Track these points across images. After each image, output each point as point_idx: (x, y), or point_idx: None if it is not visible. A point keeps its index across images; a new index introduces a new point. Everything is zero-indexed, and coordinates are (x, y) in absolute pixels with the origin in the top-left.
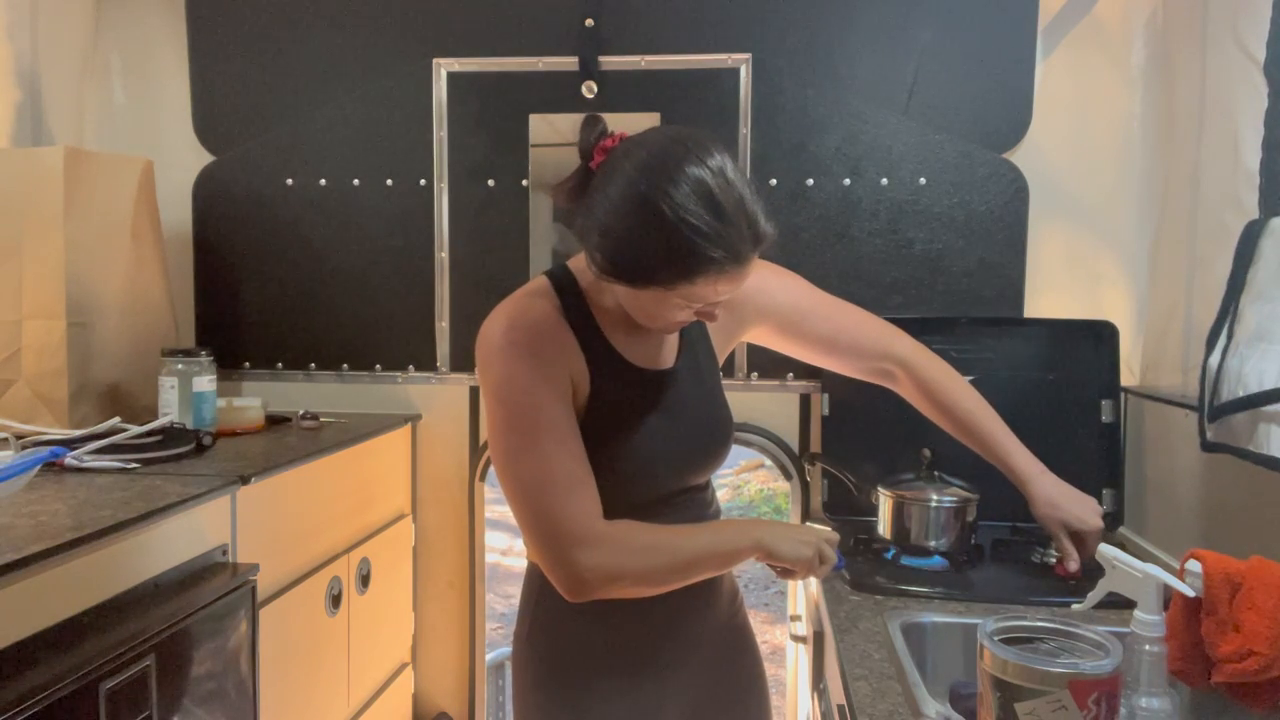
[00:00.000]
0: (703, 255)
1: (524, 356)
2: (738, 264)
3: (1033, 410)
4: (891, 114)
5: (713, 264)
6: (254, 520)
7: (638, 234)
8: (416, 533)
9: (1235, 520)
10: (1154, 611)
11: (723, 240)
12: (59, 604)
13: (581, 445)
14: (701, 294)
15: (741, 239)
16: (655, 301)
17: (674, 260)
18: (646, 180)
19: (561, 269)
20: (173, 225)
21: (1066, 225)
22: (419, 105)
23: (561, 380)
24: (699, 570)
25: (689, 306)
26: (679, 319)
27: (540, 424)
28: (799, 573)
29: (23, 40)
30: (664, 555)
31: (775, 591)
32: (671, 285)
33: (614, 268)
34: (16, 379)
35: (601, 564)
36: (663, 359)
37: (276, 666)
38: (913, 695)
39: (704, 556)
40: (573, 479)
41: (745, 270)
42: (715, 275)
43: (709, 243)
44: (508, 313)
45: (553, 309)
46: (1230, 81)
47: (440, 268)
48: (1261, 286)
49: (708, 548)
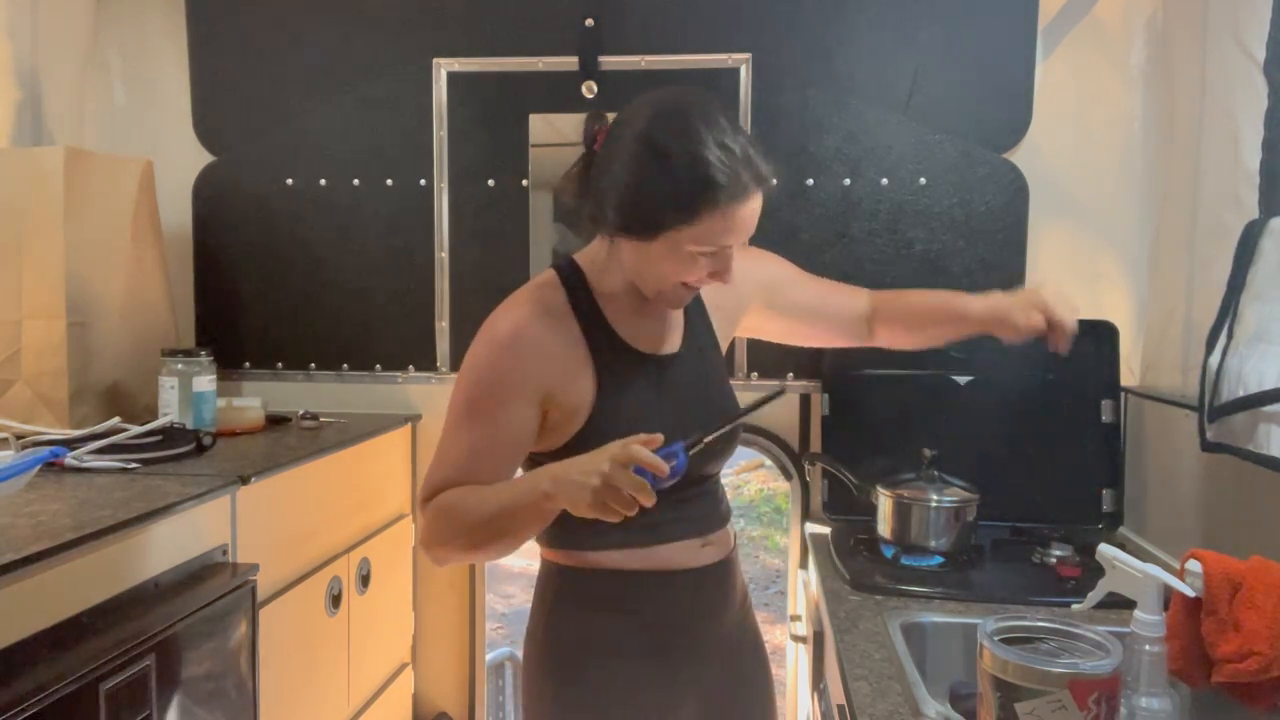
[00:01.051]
0: (709, 183)
1: (496, 353)
2: (743, 195)
3: (1033, 410)
4: (891, 114)
5: (719, 192)
6: (254, 520)
7: (646, 176)
8: (416, 533)
9: (1235, 520)
10: (1154, 611)
11: (727, 168)
12: (59, 604)
13: (505, 453)
14: (711, 232)
15: (746, 170)
16: (667, 256)
17: (681, 193)
18: (650, 128)
19: (568, 261)
20: (173, 225)
21: (1066, 225)
22: (419, 105)
23: (528, 389)
24: (508, 530)
25: (700, 256)
26: (692, 277)
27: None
28: (599, 513)
29: (23, 40)
30: (468, 515)
31: (776, 591)
32: (682, 224)
33: (626, 220)
34: (16, 379)
35: (425, 527)
36: (667, 344)
37: (276, 666)
38: (913, 695)
39: (503, 513)
40: (467, 464)
41: (752, 208)
42: (723, 208)
43: (714, 171)
44: (511, 312)
45: (557, 309)
46: (1230, 81)
47: (440, 268)
48: (1261, 286)
49: (504, 504)
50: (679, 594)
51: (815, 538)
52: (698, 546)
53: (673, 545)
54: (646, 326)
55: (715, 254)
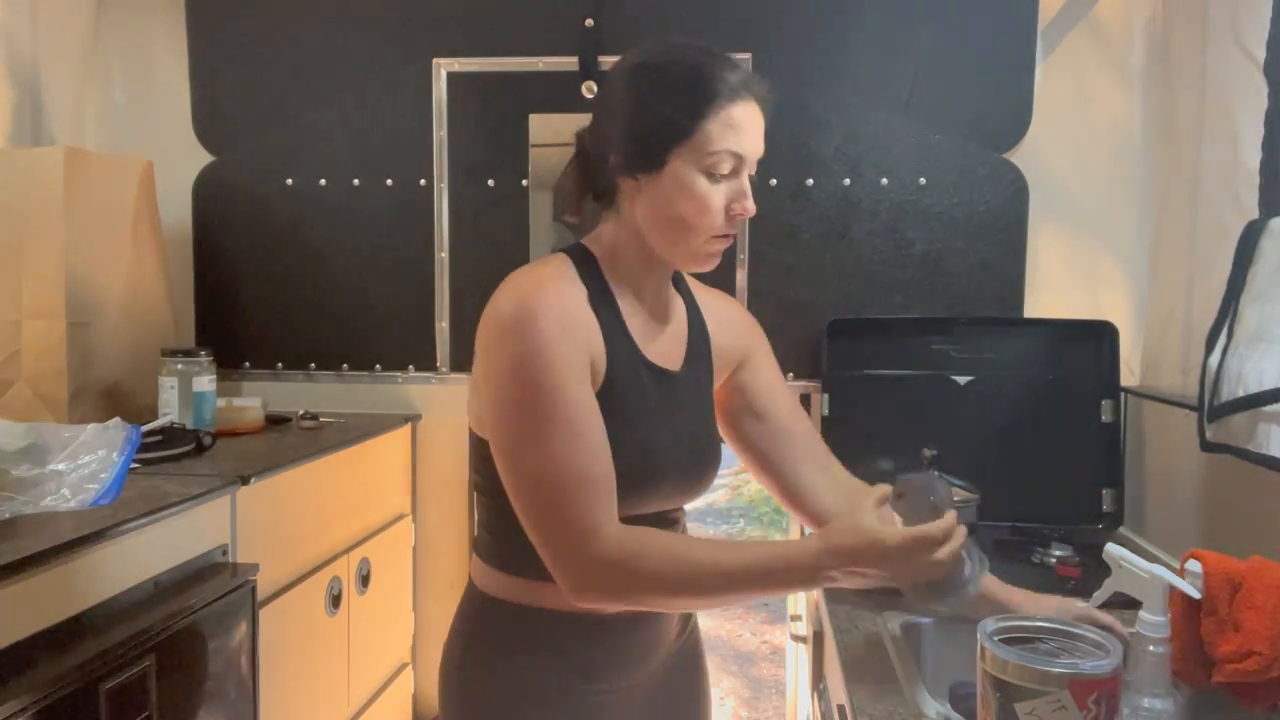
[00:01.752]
0: (703, 82)
1: (548, 333)
2: (739, 97)
3: (1033, 410)
4: (891, 114)
5: (715, 88)
6: (254, 520)
7: (641, 96)
8: (416, 533)
9: (1235, 520)
10: (1159, 612)
11: (718, 70)
12: (59, 604)
13: (604, 436)
14: (714, 137)
15: (738, 74)
16: (680, 190)
17: (678, 99)
18: (639, 59)
19: (579, 247)
20: (173, 225)
21: (1066, 225)
22: (419, 105)
23: (582, 360)
24: (736, 588)
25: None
26: (712, 211)
27: (558, 409)
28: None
29: (23, 40)
30: (692, 565)
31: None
32: (684, 135)
33: (630, 153)
34: (16, 379)
35: (619, 562)
36: (670, 359)
37: (276, 666)
38: (913, 695)
39: (745, 573)
40: (591, 471)
41: (752, 115)
42: (721, 107)
43: (705, 71)
44: (524, 288)
45: (574, 288)
46: (1230, 81)
47: (440, 268)
48: (1261, 286)
49: (752, 563)
50: (609, 637)
51: None
52: None
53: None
54: (653, 332)
55: (727, 177)
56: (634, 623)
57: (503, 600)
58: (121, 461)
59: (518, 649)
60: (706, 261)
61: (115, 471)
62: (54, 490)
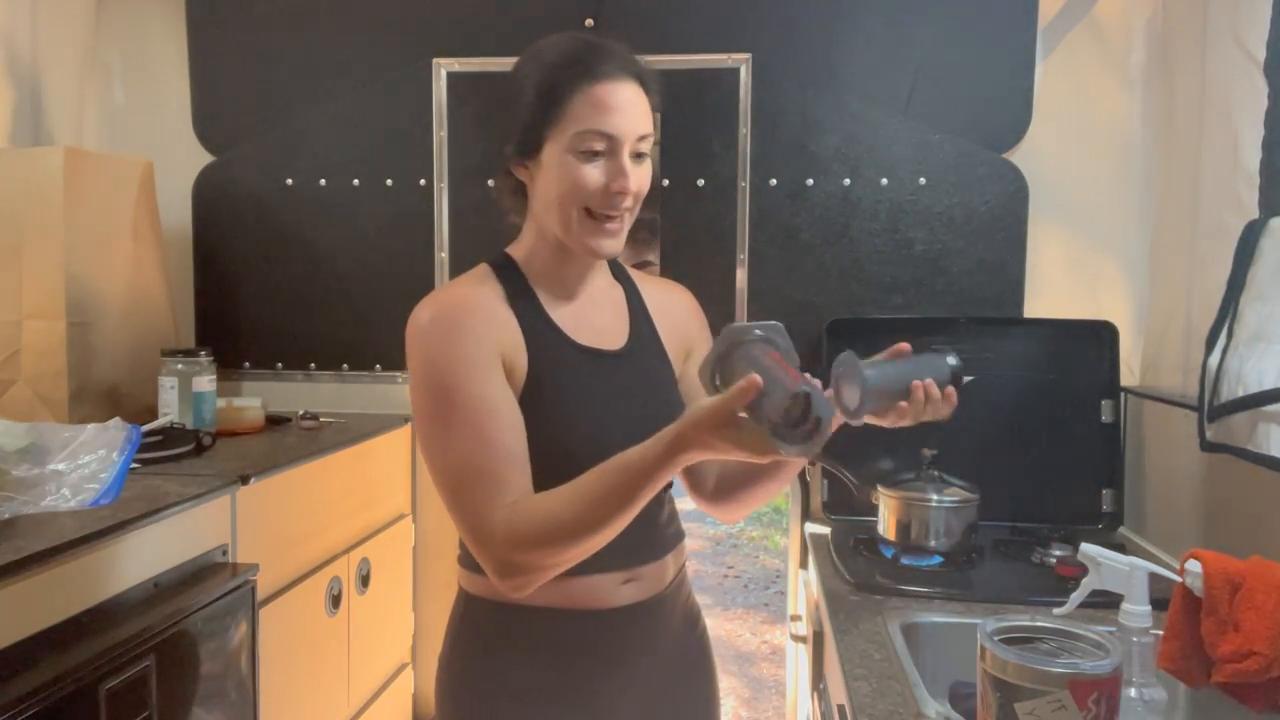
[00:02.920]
0: (566, 65)
1: (443, 334)
2: (605, 76)
3: (1033, 410)
4: (891, 114)
5: (577, 70)
6: (254, 520)
7: (516, 91)
8: (416, 533)
9: (1235, 520)
10: (1142, 603)
11: (582, 51)
12: (59, 604)
13: (506, 424)
14: (581, 117)
15: (603, 53)
16: (557, 171)
17: (545, 85)
18: (522, 56)
19: (501, 253)
20: (173, 225)
21: (1066, 225)
22: (419, 105)
23: (486, 354)
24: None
25: (587, 162)
26: (589, 190)
27: (455, 408)
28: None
29: (23, 40)
30: (566, 503)
31: (776, 592)
32: (554, 120)
33: (517, 141)
34: (16, 379)
35: (507, 539)
36: (608, 339)
37: (276, 666)
38: (913, 695)
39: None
40: (482, 461)
41: (624, 92)
42: (586, 87)
43: (569, 54)
44: (434, 296)
45: (487, 289)
46: (1230, 81)
47: (440, 268)
48: (1261, 286)
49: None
50: (592, 638)
51: (815, 538)
52: (616, 583)
53: (587, 580)
54: (585, 318)
55: (601, 155)
56: (617, 622)
57: (483, 598)
58: (121, 461)
59: (498, 648)
60: (600, 244)
61: (115, 471)
62: (54, 490)
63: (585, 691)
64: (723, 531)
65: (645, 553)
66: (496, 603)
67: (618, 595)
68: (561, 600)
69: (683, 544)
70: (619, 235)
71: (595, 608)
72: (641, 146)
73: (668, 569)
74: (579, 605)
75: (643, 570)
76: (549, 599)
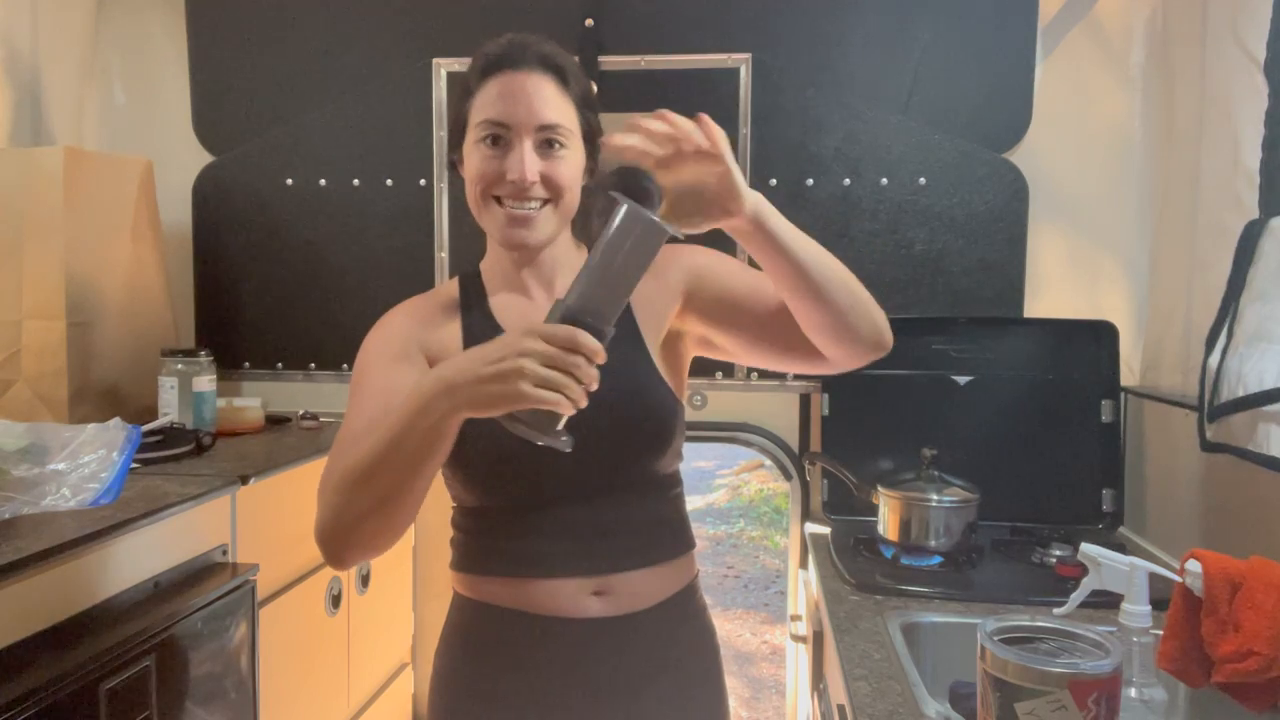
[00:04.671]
0: (478, 62)
1: (376, 329)
2: (513, 65)
3: (1033, 410)
4: (891, 114)
5: (482, 67)
6: (254, 520)
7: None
8: (416, 533)
9: (1235, 520)
10: (1142, 602)
11: (494, 47)
12: (59, 604)
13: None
14: (484, 104)
15: (520, 45)
16: (469, 158)
17: (463, 85)
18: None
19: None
20: (173, 225)
21: (1066, 225)
22: (419, 105)
23: (399, 348)
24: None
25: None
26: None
27: (360, 388)
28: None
29: (23, 40)
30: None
31: (776, 592)
32: (466, 114)
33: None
34: (16, 379)
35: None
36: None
37: (276, 666)
38: (913, 695)
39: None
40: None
41: (531, 83)
42: (493, 76)
43: (485, 51)
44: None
45: (440, 297)
46: (1230, 81)
47: (440, 268)
48: (1261, 286)
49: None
50: (555, 647)
51: (815, 538)
52: (582, 592)
53: (547, 584)
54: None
55: (501, 146)
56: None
57: (464, 596)
58: (121, 461)
59: (469, 648)
60: (510, 234)
61: (115, 471)
62: (54, 490)
63: (546, 705)
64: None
65: (616, 560)
66: (474, 601)
67: (583, 606)
68: (525, 603)
69: (682, 561)
70: (533, 226)
71: (558, 615)
72: (550, 135)
73: (651, 585)
74: (541, 610)
75: (613, 581)
76: (516, 601)
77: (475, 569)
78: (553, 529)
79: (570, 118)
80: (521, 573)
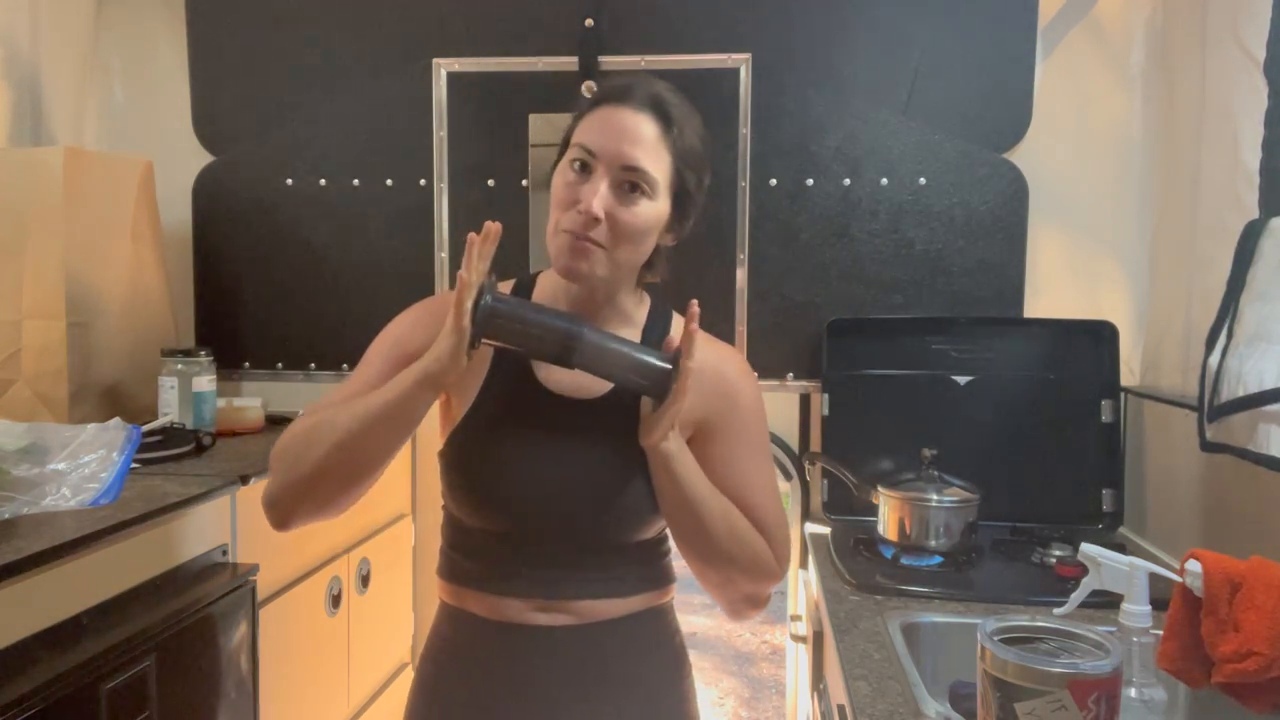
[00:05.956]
0: (598, 94)
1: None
2: (619, 100)
3: (1033, 410)
4: (891, 114)
5: (591, 101)
6: (254, 520)
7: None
8: (416, 533)
9: (1235, 520)
10: (1142, 602)
11: (616, 81)
12: (59, 604)
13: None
14: (578, 134)
15: (634, 85)
16: (556, 178)
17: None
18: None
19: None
20: (173, 225)
21: (1066, 225)
22: (419, 105)
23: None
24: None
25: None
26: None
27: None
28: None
29: (23, 40)
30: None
31: (775, 592)
32: (569, 134)
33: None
34: (16, 379)
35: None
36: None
37: (276, 666)
38: (913, 695)
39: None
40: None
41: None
42: (591, 111)
43: (607, 86)
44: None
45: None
46: (1230, 81)
47: (440, 268)
48: (1261, 286)
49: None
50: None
51: (815, 538)
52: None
53: (511, 600)
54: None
55: (583, 175)
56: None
57: (443, 601)
58: (121, 461)
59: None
60: (562, 261)
61: (115, 471)
62: (54, 490)
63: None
64: None
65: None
66: (447, 606)
67: (530, 616)
68: (481, 608)
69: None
70: (586, 260)
71: (508, 621)
72: (633, 178)
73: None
74: (494, 616)
75: (570, 604)
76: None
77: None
78: (529, 559)
79: (661, 168)
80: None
